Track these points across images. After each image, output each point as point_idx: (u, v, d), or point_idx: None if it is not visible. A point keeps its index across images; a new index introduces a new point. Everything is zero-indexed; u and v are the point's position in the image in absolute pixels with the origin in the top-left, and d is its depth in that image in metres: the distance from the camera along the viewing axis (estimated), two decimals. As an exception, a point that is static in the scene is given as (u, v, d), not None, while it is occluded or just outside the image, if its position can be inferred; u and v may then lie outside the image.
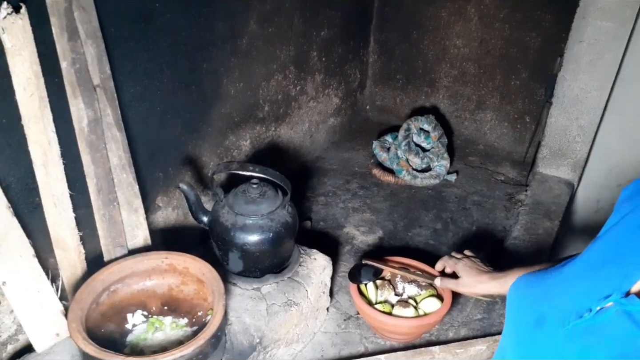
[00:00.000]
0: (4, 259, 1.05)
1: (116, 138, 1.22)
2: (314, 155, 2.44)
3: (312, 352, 1.48)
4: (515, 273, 1.08)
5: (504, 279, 1.14)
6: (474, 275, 1.22)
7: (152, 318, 1.20)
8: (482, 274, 1.21)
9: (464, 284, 1.25)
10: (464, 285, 1.25)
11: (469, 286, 1.23)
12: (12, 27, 0.96)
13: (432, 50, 2.55)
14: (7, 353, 1.17)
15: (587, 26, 1.97)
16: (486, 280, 1.19)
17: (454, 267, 1.30)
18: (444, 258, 1.38)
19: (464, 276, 1.24)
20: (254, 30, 1.74)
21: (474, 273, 1.22)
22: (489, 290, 1.19)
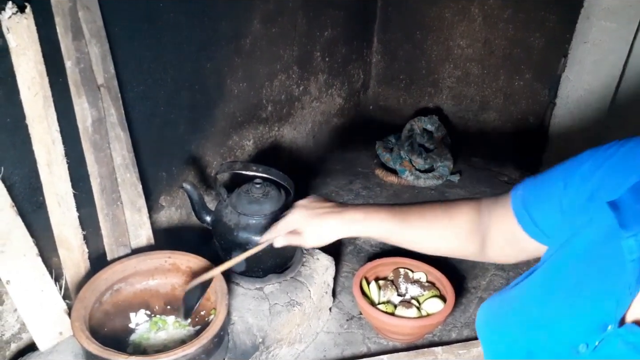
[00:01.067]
0: (8, 257, 1.05)
1: (120, 137, 1.22)
2: (317, 155, 2.44)
3: (315, 352, 1.48)
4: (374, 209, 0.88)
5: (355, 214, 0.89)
6: (317, 223, 0.91)
7: (155, 317, 1.20)
8: (325, 217, 0.91)
9: (310, 238, 0.93)
10: (311, 240, 0.93)
11: (317, 239, 0.92)
12: (17, 26, 0.96)
13: (435, 51, 2.54)
14: (10, 351, 1.17)
15: (592, 27, 1.96)
16: (335, 222, 0.90)
17: (287, 227, 0.96)
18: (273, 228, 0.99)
19: (307, 229, 0.92)
20: (258, 30, 1.74)
21: (316, 220, 0.91)
22: (344, 232, 0.90)
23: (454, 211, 0.86)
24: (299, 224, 0.93)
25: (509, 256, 0.83)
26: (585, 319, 0.57)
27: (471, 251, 0.86)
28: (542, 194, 0.72)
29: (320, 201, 0.95)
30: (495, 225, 0.80)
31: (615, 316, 0.54)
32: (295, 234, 0.94)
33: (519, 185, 0.77)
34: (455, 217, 0.85)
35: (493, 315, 0.71)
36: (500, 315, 0.69)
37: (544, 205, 0.71)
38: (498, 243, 0.81)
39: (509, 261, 0.86)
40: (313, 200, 0.96)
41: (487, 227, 0.82)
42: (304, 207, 0.95)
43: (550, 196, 0.70)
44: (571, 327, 0.58)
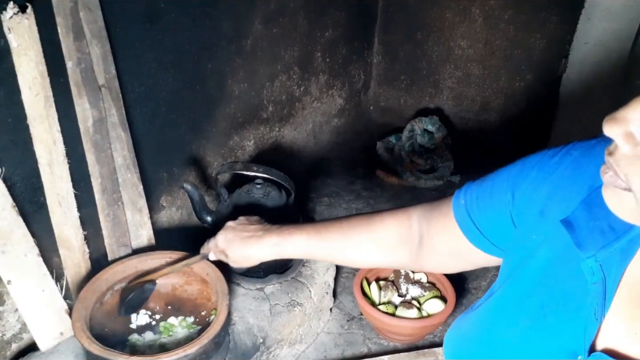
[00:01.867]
0: (9, 257, 1.05)
1: (121, 138, 1.23)
2: (318, 155, 2.44)
3: (315, 353, 1.48)
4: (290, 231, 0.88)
5: (272, 238, 0.88)
6: (239, 247, 0.92)
7: (163, 323, 1.19)
8: (246, 242, 0.91)
9: (233, 260, 0.95)
10: (235, 262, 0.95)
11: (239, 262, 0.94)
12: (18, 27, 0.96)
13: (436, 51, 2.55)
14: (11, 352, 1.17)
15: (593, 28, 1.97)
16: (255, 247, 0.89)
17: (216, 248, 0.98)
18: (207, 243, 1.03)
19: (230, 252, 0.94)
20: (259, 31, 1.74)
21: (238, 244, 0.92)
22: (265, 256, 0.90)
23: (375, 222, 0.83)
24: (224, 246, 0.95)
25: (450, 267, 0.80)
26: (553, 348, 0.54)
27: (402, 262, 0.84)
28: (488, 204, 0.68)
29: (248, 224, 0.96)
30: (436, 235, 0.76)
31: (584, 345, 0.52)
32: (222, 253, 0.96)
33: (459, 193, 0.73)
34: (376, 228, 0.83)
35: (459, 343, 0.68)
36: (467, 342, 0.66)
37: (492, 217, 0.67)
38: (440, 254, 0.77)
39: (451, 272, 0.82)
40: (241, 223, 0.97)
41: (426, 238, 0.78)
42: (231, 229, 0.96)
43: (498, 207, 0.66)
44: (540, 356, 0.55)
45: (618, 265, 0.52)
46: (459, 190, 0.73)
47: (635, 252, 0.52)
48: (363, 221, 0.85)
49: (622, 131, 0.42)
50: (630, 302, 0.52)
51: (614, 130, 0.43)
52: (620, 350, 0.51)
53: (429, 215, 0.78)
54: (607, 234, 0.53)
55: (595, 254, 0.53)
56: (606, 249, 0.52)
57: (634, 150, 0.42)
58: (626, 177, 0.44)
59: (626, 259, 0.52)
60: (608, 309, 0.52)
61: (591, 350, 0.52)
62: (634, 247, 0.52)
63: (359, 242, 0.84)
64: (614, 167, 0.45)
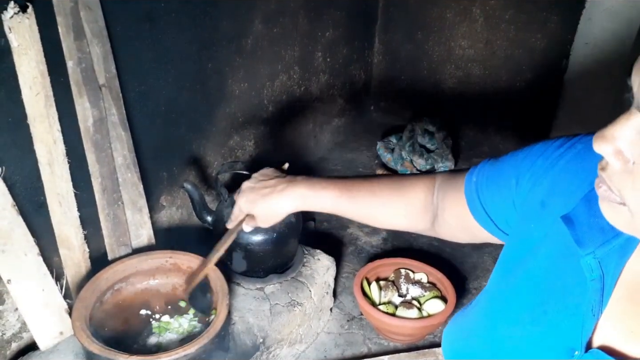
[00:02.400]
0: (9, 257, 1.05)
1: (121, 137, 1.23)
2: (318, 155, 2.44)
3: (315, 353, 1.47)
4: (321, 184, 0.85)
5: (301, 190, 0.86)
6: (264, 205, 0.89)
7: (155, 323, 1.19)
8: (270, 198, 0.87)
9: (262, 220, 0.92)
10: (264, 221, 0.92)
11: (268, 219, 0.91)
12: (19, 26, 0.96)
13: (437, 51, 2.54)
14: (11, 351, 1.17)
15: (593, 28, 1.96)
16: (281, 201, 0.86)
17: (241, 214, 0.95)
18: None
19: (256, 212, 0.91)
20: (259, 31, 1.74)
21: (262, 202, 0.89)
22: (292, 209, 0.87)
23: (406, 188, 0.83)
24: (248, 209, 0.92)
25: (460, 238, 0.81)
26: (552, 344, 0.55)
27: (421, 227, 0.84)
28: (494, 186, 0.69)
29: (267, 178, 0.91)
30: (448, 208, 0.77)
31: (581, 341, 0.52)
32: (250, 217, 0.93)
33: (473, 170, 0.74)
34: (406, 195, 0.83)
35: (458, 340, 0.68)
36: (465, 339, 0.67)
37: (498, 200, 0.68)
38: (450, 224, 0.78)
39: (460, 241, 0.83)
40: (259, 179, 0.92)
41: (440, 208, 0.79)
42: (250, 189, 0.91)
43: (502, 191, 0.67)
44: (539, 352, 0.56)
45: (616, 263, 0.53)
46: (474, 167, 0.74)
47: (634, 250, 0.53)
48: (393, 185, 0.85)
49: (611, 149, 0.43)
50: (627, 299, 0.53)
51: (603, 149, 0.44)
52: (616, 347, 0.52)
53: (445, 186, 0.79)
54: (607, 232, 0.53)
55: (594, 251, 0.53)
56: (605, 246, 0.53)
57: (625, 167, 0.43)
58: (619, 192, 0.45)
59: (624, 256, 0.53)
60: (605, 306, 0.53)
61: (588, 347, 0.52)
62: (632, 244, 0.53)
63: (387, 205, 0.84)
64: (606, 182, 0.46)
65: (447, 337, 0.70)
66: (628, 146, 0.43)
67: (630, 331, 0.51)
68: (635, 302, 0.52)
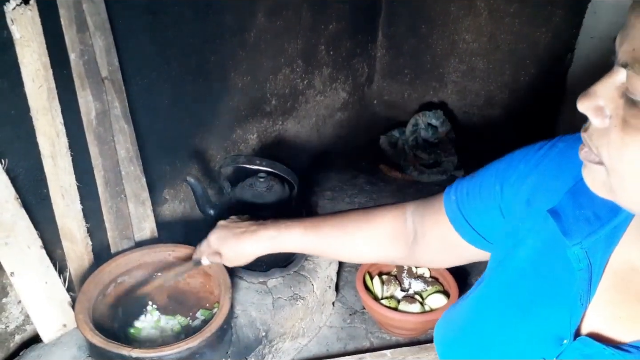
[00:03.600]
0: (12, 249, 1.05)
1: (124, 130, 1.22)
2: (321, 149, 2.44)
3: (318, 346, 1.48)
4: (286, 225, 0.87)
5: (268, 232, 0.87)
6: (233, 243, 0.91)
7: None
8: (240, 238, 0.90)
9: (228, 259, 0.94)
10: (230, 261, 0.94)
11: (234, 259, 0.93)
12: (21, 18, 0.96)
13: (440, 45, 2.53)
14: (14, 343, 1.18)
15: (599, 22, 1.95)
16: (250, 242, 0.88)
17: (209, 249, 0.97)
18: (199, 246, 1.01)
19: (224, 251, 0.93)
20: (262, 24, 1.73)
21: (232, 241, 0.91)
22: (260, 251, 0.89)
23: (372, 219, 0.84)
24: (218, 245, 0.94)
25: (444, 262, 0.83)
26: (541, 334, 0.56)
27: (396, 256, 0.85)
28: (478, 198, 0.70)
29: (239, 221, 0.95)
30: (429, 231, 0.78)
31: (569, 329, 0.53)
32: (217, 254, 0.95)
33: (450, 189, 0.75)
34: (373, 223, 0.84)
35: (449, 332, 0.69)
36: (456, 331, 0.67)
37: (482, 211, 0.69)
38: (433, 249, 0.79)
39: (444, 266, 0.86)
40: (233, 221, 0.96)
41: (419, 234, 0.80)
42: (223, 227, 0.94)
43: (487, 201, 0.68)
44: (529, 342, 0.57)
45: (603, 252, 0.54)
46: (449, 186, 0.75)
47: (620, 239, 0.54)
48: (360, 216, 0.86)
49: (592, 105, 0.45)
50: (614, 287, 0.54)
51: (585, 105, 0.46)
52: (604, 333, 0.52)
53: (421, 210, 0.80)
54: (593, 222, 0.55)
55: (581, 241, 0.54)
56: (591, 236, 0.54)
57: (603, 123, 0.45)
58: (597, 150, 0.46)
59: (610, 245, 0.54)
60: (593, 295, 0.54)
61: (577, 335, 0.53)
62: (618, 233, 0.54)
63: (355, 237, 0.84)
64: (587, 142, 0.47)
65: (439, 329, 0.71)
66: (607, 102, 0.45)
67: (617, 317, 0.52)
68: (621, 289, 0.53)
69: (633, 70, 0.41)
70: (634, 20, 0.42)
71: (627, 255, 0.54)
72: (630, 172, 0.44)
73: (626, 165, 0.44)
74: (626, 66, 0.42)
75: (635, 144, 0.42)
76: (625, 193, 0.46)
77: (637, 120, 0.42)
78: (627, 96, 0.43)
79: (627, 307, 0.52)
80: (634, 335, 0.50)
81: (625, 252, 0.54)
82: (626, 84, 0.43)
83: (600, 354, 0.50)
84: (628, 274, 0.53)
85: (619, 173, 0.45)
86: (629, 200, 0.46)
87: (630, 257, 0.54)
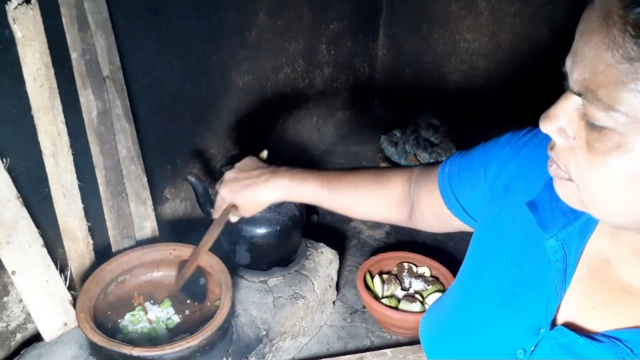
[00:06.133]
0: (14, 248, 1.06)
1: (125, 130, 1.22)
2: (322, 149, 2.44)
3: (318, 345, 1.48)
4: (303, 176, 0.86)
5: (284, 181, 0.86)
6: (246, 194, 0.89)
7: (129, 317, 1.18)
8: (253, 188, 0.88)
9: (244, 209, 0.92)
10: (246, 211, 0.92)
11: (250, 209, 0.91)
12: (23, 17, 0.96)
13: (441, 45, 2.53)
14: (16, 342, 1.18)
15: (600, 21, 1.95)
16: (264, 190, 0.87)
17: (224, 203, 0.95)
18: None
19: (238, 202, 0.91)
20: (263, 23, 1.73)
21: (244, 192, 0.89)
22: (274, 199, 0.88)
23: (386, 181, 0.86)
24: (231, 198, 0.92)
25: (434, 227, 0.84)
26: (520, 324, 0.57)
27: (398, 219, 0.87)
28: (465, 176, 0.73)
29: (249, 168, 0.92)
30: (423, 199, 0.80)
31: (546, 319, 0.54)
32: (233, 207, 0.93)
33: (446, 162, 0.78)
34: (386, 187, 0.86)
35: (433, 324, 0.71)
36: (439, 323, 0.69)
37: (469, 189, 0.72)
38: (425, 214, 0.82)
39: (435, 231, 0.87)
40: (242, 169, 0.93)
41: (415, 198, 0.82)
42: (233, 179, 0.92)
43: (472, 180, 0.71)
44: (508, 333, 0.58)
45: (577, 244, 0.56)
46: (446, 159, 0.78)
47: (593, 230, 0.56)
48: (374, 177, 0.87)
49: (554, 127, 0.47)
50: (588, 277, 0.55)
51: (547, 127, 0.47)
52: (579, 323, 0.54)
53: (420, 178, 0.82)
54: (568, 215, 0.56)
55: (557, 233, 0.56)
56: (566, 229, 0.56)
57: (568, 143, 0.46)
58: (566, 168, 0.47)
59: (584, 237, 0.56)
60: (569, 285, 0.56)
61: (553, 325, 0.55)
62: (591, 225, 0.56)
63: (367, 198, 0.86)
64: (555, 160, 0.49)
65: (424, 323, 0.73)
66: (568, 123, 0.46)
67: (591, 307, 0.54)
68: (595, 279, 0.55)
69: (587, 100, 0.42)
70: (582, 49, 0.44)
71: (599, 247, 0.56)
72: (599, 190, 0.45)
73: (595, 183, 0.45)
74: (580, 95, 0.43)
75: (601, 165, 0.43)
76: (597, 208, 0.47)
77: (599, 143, 0.43)
78: (587, 120, 0.44)
79: (600, 297, 0.54)
80: (606, 324, 0.52)
81: (598, 244, 0.56)
82: (583, 110, 0.44)
83: (574, 343, 0.52)
84: (600, 264, 0.55)
85: (588, 191, 0.46)
86: (603, 214, 0.48)
87: (602, 248, 0.55)
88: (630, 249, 0.52)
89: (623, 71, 0.39)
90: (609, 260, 0.55)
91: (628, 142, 0.41)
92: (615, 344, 0.49)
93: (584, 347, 0.51)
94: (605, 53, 0.40)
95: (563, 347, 0.52)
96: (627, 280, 0.53)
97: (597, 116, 0.42)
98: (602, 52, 0.40)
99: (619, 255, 0.54)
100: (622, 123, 0.41)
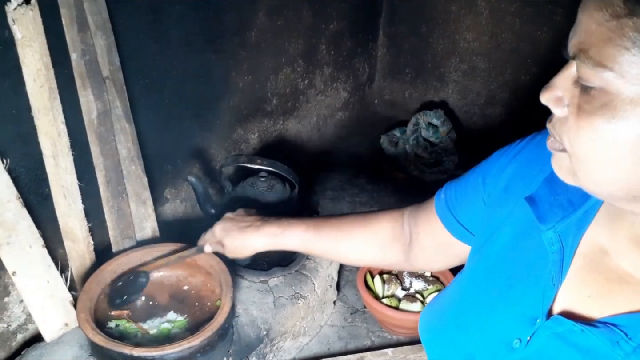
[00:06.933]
0: (14, 249, 1.06)
1: (125, 130, 1.23)
2: (322, 149, 2.44)
3: (319, 345, 1.48)
4: (289, 223, 0.89)
5: (272, 229, 0.90)
6: (237, 236, 0.93)
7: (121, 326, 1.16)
8: (244, 231, 0.92)
9: (230, 251, 0.96)
10: (231, 252, 0.96)
11: (236, 251, 0.95)
12: (23, 18, 0.96)
13: (441, 44, 2.53)
14: (16, 342, 1.18)
15: (600, 20, 1.94)
16: (252, 237, 0.91)
17: (212, 238, 0.99)
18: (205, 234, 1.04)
19: (227, 241, 0.95)
20: (263, 23, 1.74)
21: (236, 234, 0.93)
22: (262, 246, 0.91)
23: (371, 221, 0.87)
24: (222, 235, 0.96)
25: (439, 263, 0.85)
26: (516, 314, 0.58)
27: (393, 260, 0.87)
28: (464, 194, 0.74)
29: (246, 215, 0.98)
30: (422, 231, 0.81)
31: (542, 309, 0.55)
32: (219, 244, 0.97)
33: (440, 191, 0.79)
34: (372, 227, 0.86)
35: (432, 319, 0.72)
36: (438, 318, 0.70)
37: (468, 205, 0.73)
38: (427, 250, 0.82)
39: (440, 268, 0.88)
40: (240, 214, 0.98)
41: (414, 236, 0.82)
42: (229, 219, 0.97)
43: (472, 195, 0.72)
44: (505, 323, 0.59)
45: (574, 235, 0.57)
46: (440, 189, 0.80)
47: (590, 222, 0.58)
48: (359, 218, 0.89)
49: (552, 97, 0.50)
50: (585, 268, 0.56)
51: (545, 97, 0.50)
52: (575, 312, 0.55)
53: (415, 213, 0.83)
54: (566, 207, 0.58)
55: (554, 225, 0.57)
56: (564, 221, 0.58)
57: (563, 112, 0.48)
58: (560, 138, 0.49)
59: (581, 229, 0.58)
60: (565, 276, 0.57)
61: (549, 315, 0.56)
62: (589, 217, 0.58)
63: (354, 239, 0.87)
64: (552, 132, 0.51)
65: (423, 319, 0.74)
66: (565, 92, 0.48)
67: (587, 297, 0.55)
68: (591, 270, 0.56)
69: (580, 60, 0.45)
70: (580, 16, 0.46)
71: (596, 238, 0.57)
72: (585, 153, 0.47)
73: (582, 147, 0.47)
74: (575, 57, 0.46)
75: (588, 126, 0.45)
76: (584, 174, 0.48)
77: (589, 105, 0.45)
78: (580, 84, 0.46)
79: (596, 286, 0.55)
80: (602, 312, 0.53)
81: (595, 235, 0.57)
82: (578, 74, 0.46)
83: (570, 332, 0.52)
84: (597, 255, 0.56)
85: (577, 156, 0.48)
86: (589, 180, 0.49)
87: (599, 239, 0.57)
88: (628, 239, 0.53)
89: (611, 28, 0.41)
90: (606, 251, 0.56)
91: (613, 100, 0.43)
92: (611, 329, 0.50)
93: (579, 335, 0.52)
94: (597, 13, 0.43)
95: (559, 337, 0.53)
96: (625, 269, 0.54)
97: (587, 76, 0.44)
98: (595, 12, 0.43)
99: (617, 246, 0.55)
100: (609, 81, 0.43)
